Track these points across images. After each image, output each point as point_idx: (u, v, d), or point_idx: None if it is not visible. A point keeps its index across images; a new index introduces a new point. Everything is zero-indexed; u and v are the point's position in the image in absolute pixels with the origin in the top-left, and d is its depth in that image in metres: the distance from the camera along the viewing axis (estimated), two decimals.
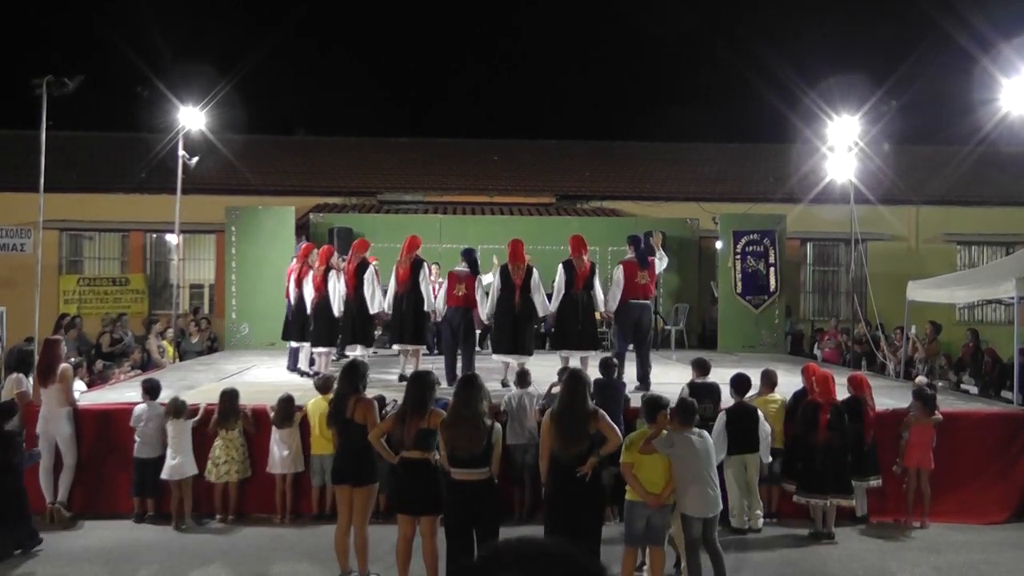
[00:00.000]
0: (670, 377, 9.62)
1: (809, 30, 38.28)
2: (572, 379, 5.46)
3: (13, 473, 6.53)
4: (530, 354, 8.85)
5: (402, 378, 9.10)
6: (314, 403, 7.33)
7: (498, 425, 5.35)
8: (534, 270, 8.90)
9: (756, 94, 40.01)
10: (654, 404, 5.55)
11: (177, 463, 7.13)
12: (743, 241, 14.24)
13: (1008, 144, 17.54)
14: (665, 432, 5.40)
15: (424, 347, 9.49)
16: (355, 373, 5.90)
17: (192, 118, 12.29)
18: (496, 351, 9.02)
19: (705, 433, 5.65)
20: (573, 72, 39.70)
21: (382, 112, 36.12)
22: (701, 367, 7.46)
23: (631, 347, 8.98)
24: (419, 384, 5.48)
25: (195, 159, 12.56)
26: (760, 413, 7.06)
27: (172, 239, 15.16)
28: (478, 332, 9.69)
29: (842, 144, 12.29)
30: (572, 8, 42.10)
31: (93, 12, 37.02)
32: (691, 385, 7.30)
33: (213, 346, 13.87)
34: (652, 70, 39.72)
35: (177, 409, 7.23)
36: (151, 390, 7.42)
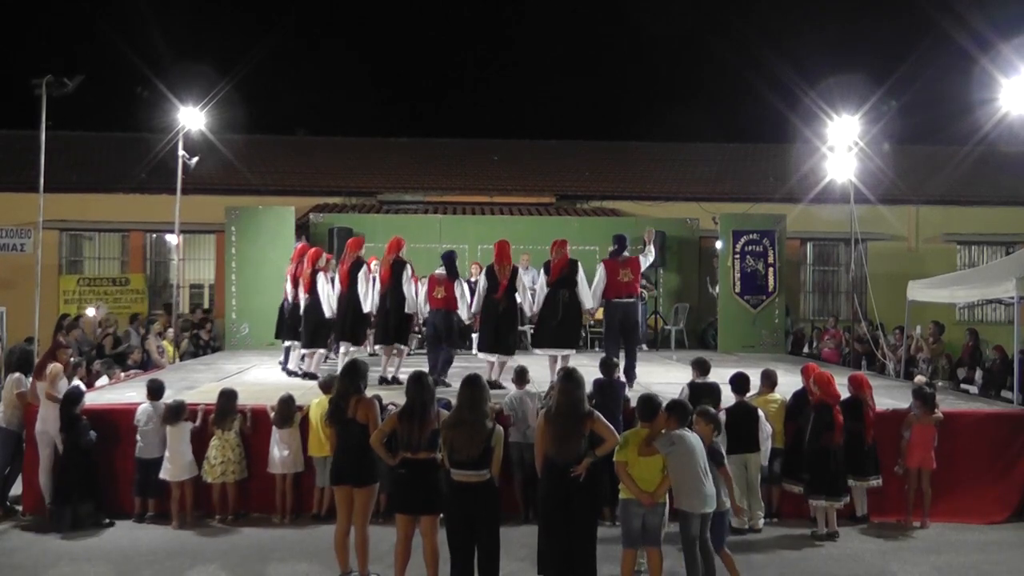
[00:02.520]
0: (670, 377, 9.63)
1: (809, 30, 38.32)
2: (566, 379, 5.37)
3: (89, 451, 7.11)
4: (511, 354, 8.83)
5: (383, 380, 8.88)
6: (318, 403, 7.25)
7: (499, 428, 5.30)
8: (520, 270, 8.88)
9: (756, 94, 40.05)
10: (651, 404, 5.55)
11: (175, 465, 7.13)
12: (742, 241, 14.27)
13: (1008, 144, 17.57)
14: (663, 432, 5.42)
15: (405, 347, 9.42)
16: (356, 372, 5.87)
17: (192, 118, 12.29)
18: (480, 349, 9.08)
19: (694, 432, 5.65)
20: (573, 72, 39.72)
21: (382, 112, 36.20)
22: (701, 367, 7.44)
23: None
24: (420, 387, 5.44)
25: (195, 159, 12.57)
26: (760, 412, 7.06)
27: (172, 239, 15.17)
28: (460, 331, 9.68)
29: (842, 144, 12.29)
30: (572, 8, 42.15)
31: (93, 12, 37.07)
32: (691, 385, 7.30)
33: (201, 345, 13.72)
34: (652, 70, 39.78)
35: (174, 414, 7.22)
36: (155, 391, 7.42)
